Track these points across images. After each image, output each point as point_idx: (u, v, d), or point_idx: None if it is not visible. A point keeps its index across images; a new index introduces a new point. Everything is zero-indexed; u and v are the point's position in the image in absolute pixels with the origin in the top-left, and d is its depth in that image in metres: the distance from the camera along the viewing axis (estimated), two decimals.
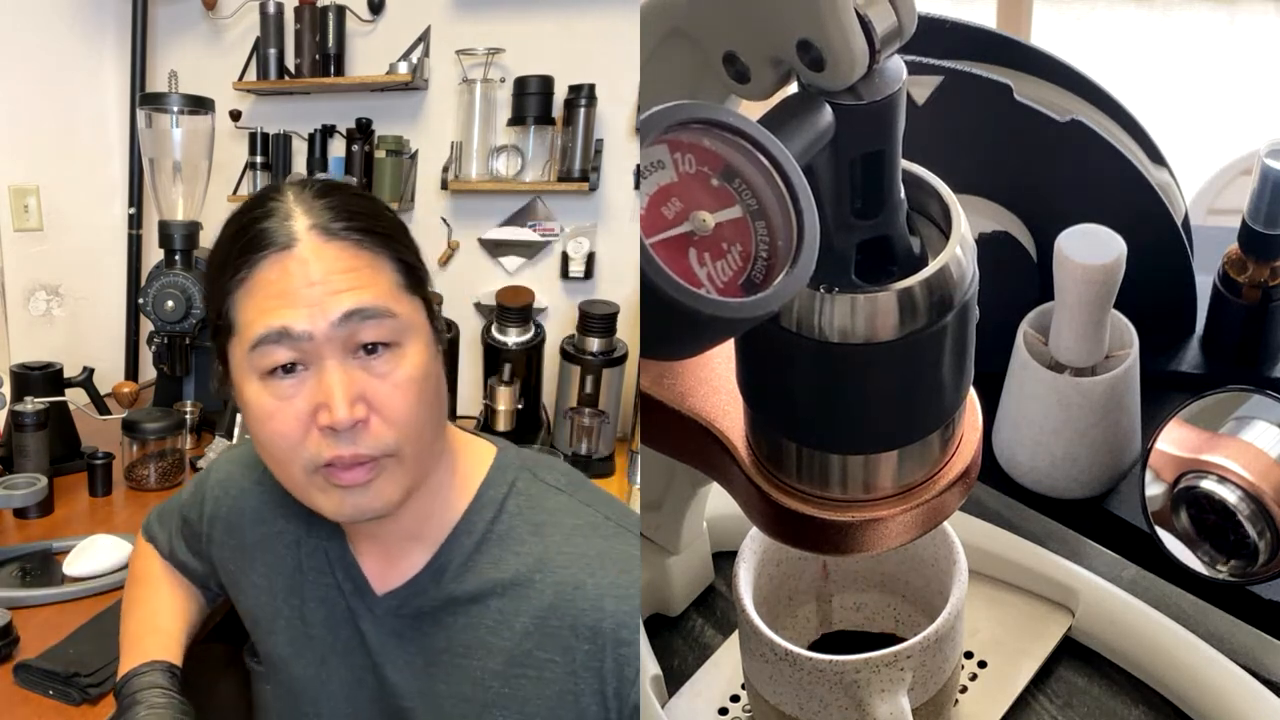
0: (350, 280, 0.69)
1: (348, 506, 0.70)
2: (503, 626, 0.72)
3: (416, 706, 0.75)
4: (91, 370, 1.71)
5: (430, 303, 0.74)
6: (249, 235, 0.69)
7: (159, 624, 0.92)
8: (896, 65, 0.58)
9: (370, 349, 0.69)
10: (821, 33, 0.55)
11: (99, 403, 1.74)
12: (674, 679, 0.88)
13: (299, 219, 0.69)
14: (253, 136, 2.21)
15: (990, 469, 1.07)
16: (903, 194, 0.62)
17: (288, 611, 0.81)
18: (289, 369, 0.68)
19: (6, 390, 1.52)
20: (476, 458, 0.77)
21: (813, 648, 0.74)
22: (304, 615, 0.80)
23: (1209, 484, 0.93)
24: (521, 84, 2.00)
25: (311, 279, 0.68)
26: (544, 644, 0.71)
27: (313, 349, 0.68)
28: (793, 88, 0.59)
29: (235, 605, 0.87)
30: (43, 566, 1.28)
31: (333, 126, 2.20)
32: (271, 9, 2.17)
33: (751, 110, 0.60)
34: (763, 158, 0.54)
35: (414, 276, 0.73)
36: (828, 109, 0.57)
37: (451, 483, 0.75)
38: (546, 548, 0.73)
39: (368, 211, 0.72)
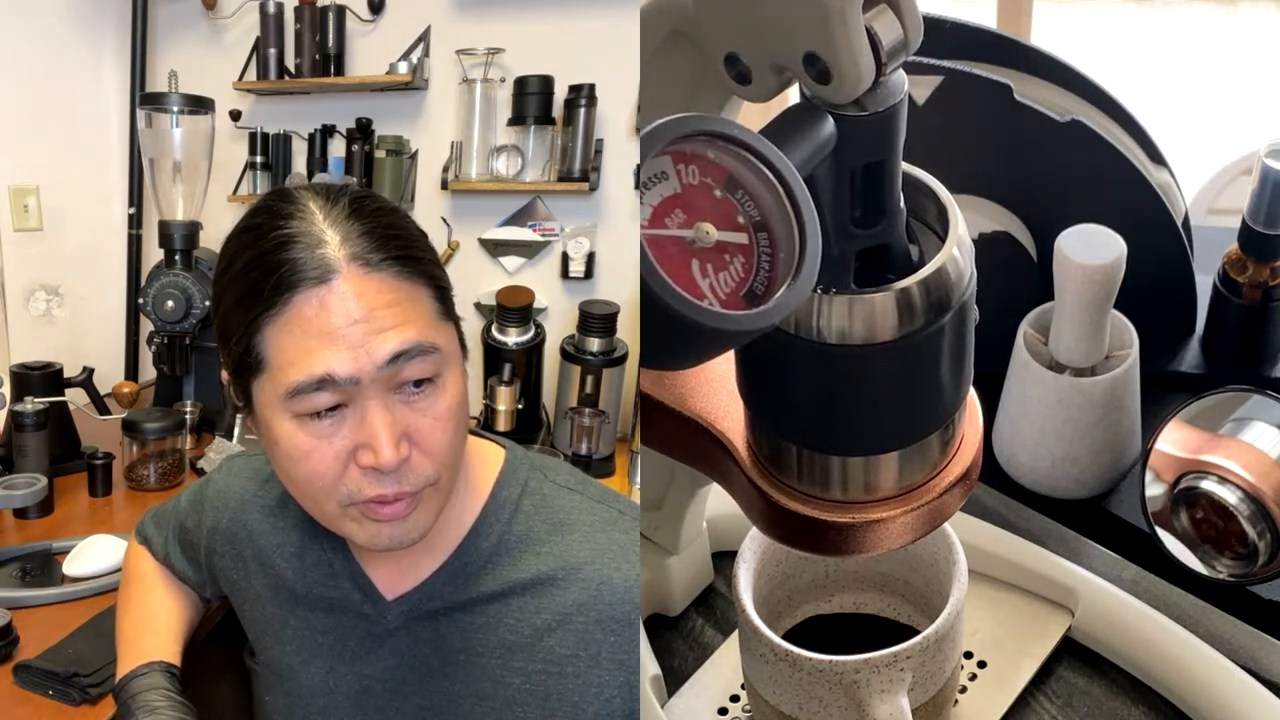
0: (394, 316, 0.65)
1: (383, 538, 0.69)
2: (524, 624, 0.73)
3: (431, 708, 0.75)
4: (91, 370, 1.71)
5: (459, 325, 0.72)
6: (279, 266, 0.64)
7: (156, 624, 0.92)
8: (899, 76, 0.58)
9: (414, 383, 0.66)
10: (830, 48, 0.54)
11: (99, 403, 1.74)
12: (674, 679, 0.88)
13: (334, 247, 0.65)
14: (253, 136, 2.22)
15: (990, 469, 1.07)
16: (902, 202, 0.62)
17: (295, 621, 0.80)
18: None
19: (6, 390, 1.52)
20: (486, 460, 0.77)
21: (811, 646, 0.74)
22: (311, 624, 0.79)
23: (1209, 484, 0.93)
24: (521, 84, 2.00)
25: (354, 317, 0.64)
26: (565, 640, 0.72)
27: (356, 391, 0.65)
28: (793, 90, 0.59)
29: (239, 614, 0.87)
30: (43, 566, 1.28)
31: (333, 126, 2.20)
32: (271, 9, 2.17)
33: (752, 113, 0.60)
34: (765, 169, 0.54)
35: (447, 300, 0.70)
36: (829, 120, 0.57)
37: (464, 487, 0.75)
38: (568, 546, 0.73)
39: (402, 233, 0.68)
